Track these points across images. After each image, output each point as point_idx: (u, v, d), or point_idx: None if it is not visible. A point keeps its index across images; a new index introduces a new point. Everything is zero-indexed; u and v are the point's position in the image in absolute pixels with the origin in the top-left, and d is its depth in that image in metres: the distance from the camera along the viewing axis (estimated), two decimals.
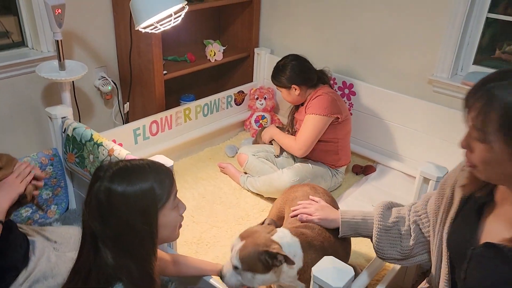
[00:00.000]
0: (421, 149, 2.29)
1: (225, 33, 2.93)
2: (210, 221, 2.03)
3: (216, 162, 2.47)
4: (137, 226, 0.98)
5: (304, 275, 1.29)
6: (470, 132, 0.93)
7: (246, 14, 2.76)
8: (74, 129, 1.76)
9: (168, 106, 2.43)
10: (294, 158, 2.31)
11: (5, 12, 2.20)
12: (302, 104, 2.25)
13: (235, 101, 2.73)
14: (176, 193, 1.09)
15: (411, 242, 1.29)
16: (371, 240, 1.35)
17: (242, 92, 2.75)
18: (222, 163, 2.40)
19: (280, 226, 1.40)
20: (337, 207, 1.53)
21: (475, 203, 1.07)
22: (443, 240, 1.15)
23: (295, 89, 2.16)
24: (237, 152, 2.56)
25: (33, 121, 2.24)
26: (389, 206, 1.38)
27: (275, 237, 1.26)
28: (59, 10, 1.84)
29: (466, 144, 0.95)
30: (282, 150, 2.32)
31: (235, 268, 1.24)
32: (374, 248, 1.34)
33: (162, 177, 1.04)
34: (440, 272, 1.17)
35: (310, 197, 1.52)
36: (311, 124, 2.09)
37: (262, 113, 2.75)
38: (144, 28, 1.53)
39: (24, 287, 1.33)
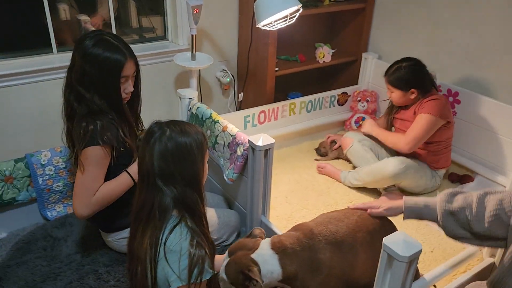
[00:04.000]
0: None
1: (336, 37, 3.12)
2: (301, 203, 2.24)
3: (313, 155, 2.67)
4: (200, 165, 1.27)
5: (288, 282, 1.38)
6: None
7: (358, 20, 2.92)
8: (197, 108, 2.12)
9: (276, 101, 2.70)
10: (393, 154, 2.40)
11: (155, 13, 2.68)
12: (405, 107, 2.33)
13: (338, 101, 2.90)
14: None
15: (484, 227, 1.33)
16: (438, 224, 1.42)
17: (346, 93, 2.91)
18: (321, 163, 2.53)
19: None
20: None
21: None
22: None
23: (413, 93, 2.22)
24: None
25: (164, 99, 2.68)
26: (454, 193, 1.43)
27: (255, 255, 1.34)
28: (197, 10, 2.22)
29: None
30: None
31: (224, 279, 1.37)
32: (442, 229, 1.40)
33: (203, 133, 1.32)
34: None
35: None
36: (423, 122, 2.15)
37: (363, 115, 2.88)
38: (263, 26, 1.81)
39: None
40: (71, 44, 2.38)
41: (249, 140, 1.73)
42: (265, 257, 1.35)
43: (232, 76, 2.84)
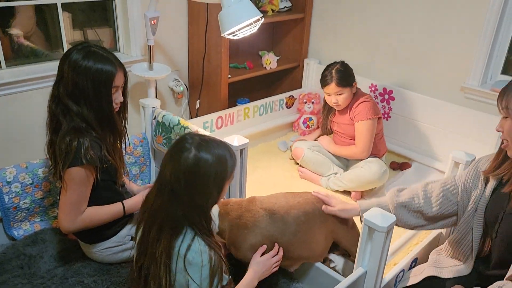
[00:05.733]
0: (453, 149, 2.56)
1: (278, 45, 3.34)
2: None
3: (270, 155, 2.85)
4: (212, 188, 1.24)
5: (222, 236, 1.57)
6: (502, 116, 1.35)
7: (298, 29, 3.16)
8: (163, 116, 2.18)
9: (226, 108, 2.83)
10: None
11: (103, 25, 2.68)
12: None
13: (286, 104, 3.10)
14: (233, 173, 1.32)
15: (434, 209, 1.56)
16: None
17: (293, 96, 3.13)
18: (301, 168, 2.67)
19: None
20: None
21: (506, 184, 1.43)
22: (478, 210, 1.48)
23: (354, 85, 2.45)
24: (287, 148, 2.94)
25: None
26: (400, 189, 1.65)
27: None
28: (155, 21, 2.28)
29: (499, 126, 1.36)
30: None
31: None
32: (397, 221, 1.53)
33: (232, 153, 1.30)
34: (472, 235, 1.50)
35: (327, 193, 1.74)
36: (365, 129, 2.40)
37: (310, 116, 3.11)
38: (228, 34, 1.94)
39: None
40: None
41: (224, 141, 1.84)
42: (213, 209, 1.55)
43: (185, 85, 2.92)
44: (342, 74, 2.41)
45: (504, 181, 1.45)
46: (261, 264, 1.48)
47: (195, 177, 1.21)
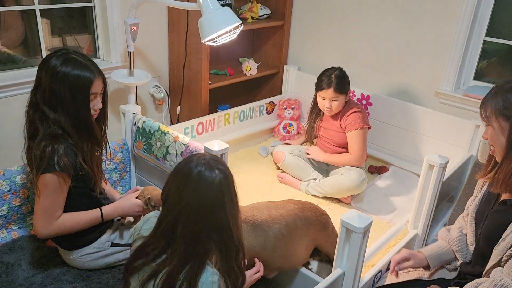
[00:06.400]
0: (429, 152, 2.64)
1: (257, 52, 3.38)
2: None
3: (250, 161, 2.87)
4: (236, 202, 1.29)
5: None
6: (485, 125, 1.43)
7: (277, 36, 3.21)
8: (144, 122, 2.18)
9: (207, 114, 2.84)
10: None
11: (82, 31, 2.67)
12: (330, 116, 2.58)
13: (266, 110, 3.14)
14: None
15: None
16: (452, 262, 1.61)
17: (273, 102, 3.17)
18: (280, 173, 2.70)
19: None
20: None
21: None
22: (470, 213, 1.56)
23: (349, 93, 2.48)
24: (268, 154, 2.97)
25: None
26: (448, 229, 1.68)
27: None
28: (135, 28, 2.30)
29: (485, 134, 1.45)
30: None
31: None
32: (462, 260, 1.56)
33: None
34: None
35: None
36: (359, 137, 2.45)
37: (290, 121, 3.16)
38: (208, 41, 1.96)
39: None
40: None
41: (204, 146, 1.86)
42: None
43: (166, 91, 2.93)
44: (341, 81, 2.42)
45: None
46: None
47: (227, 193, 1.23)
